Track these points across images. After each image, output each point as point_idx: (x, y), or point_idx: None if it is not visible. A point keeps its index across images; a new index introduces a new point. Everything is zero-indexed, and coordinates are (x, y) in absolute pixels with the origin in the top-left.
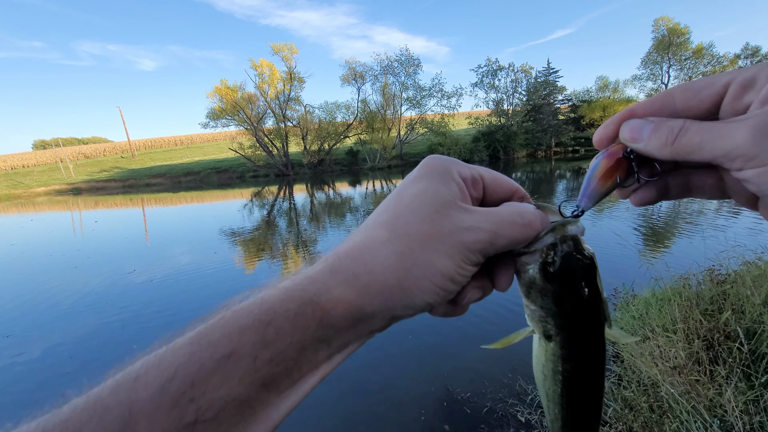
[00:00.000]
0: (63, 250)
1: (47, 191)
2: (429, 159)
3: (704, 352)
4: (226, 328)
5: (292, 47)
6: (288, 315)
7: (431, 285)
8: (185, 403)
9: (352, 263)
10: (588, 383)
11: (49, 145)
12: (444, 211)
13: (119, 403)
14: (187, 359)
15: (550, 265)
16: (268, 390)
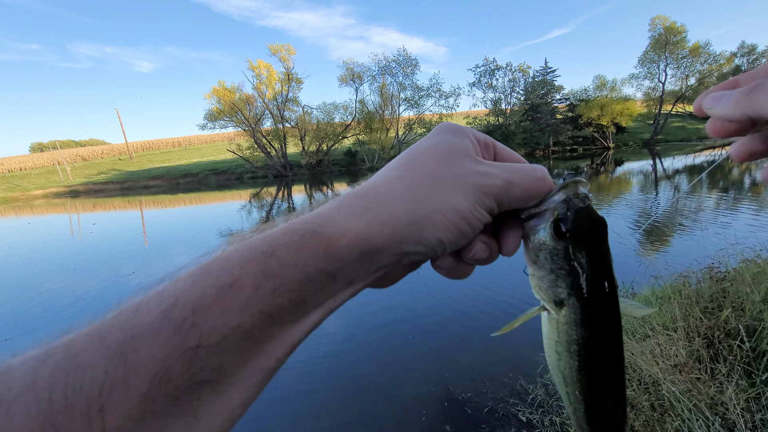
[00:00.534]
0: (61, 253)
1: (45, 194)
2: (444, 123)
3: (705, 350)
4: (228, 261)
5: (289, 48)
6: (291, 246)
7: (444, 219)
8: (187, 328)
9: (361, 200)
10: (606, 351)
11: (46, 148)
12: (459, 158)
13: (121, 327)
14: (188, 288)
15: (562, 221)
16: (272, 322)
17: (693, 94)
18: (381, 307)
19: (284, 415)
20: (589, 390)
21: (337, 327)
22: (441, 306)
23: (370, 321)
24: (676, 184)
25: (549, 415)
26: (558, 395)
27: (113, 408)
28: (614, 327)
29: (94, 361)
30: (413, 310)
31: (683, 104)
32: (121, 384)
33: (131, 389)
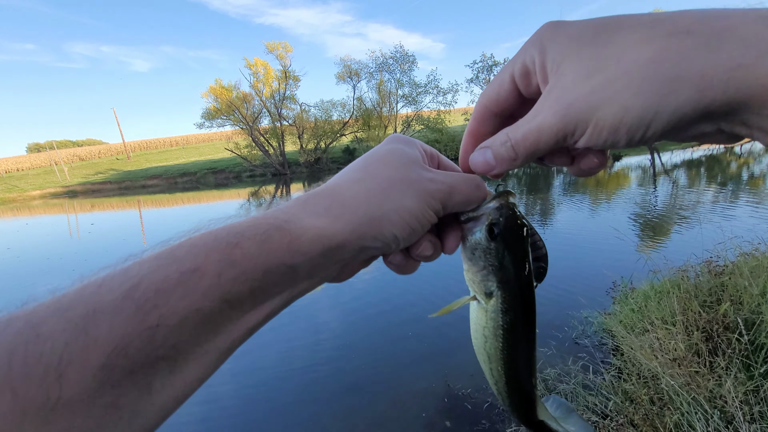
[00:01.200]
0: (60, 254)
1: (42, 194)
2: (395, 134)
3: (703, 343)
4: (193, 247)
5: (286, 46)
6: (255, 238)
7: (400, 219)
8: (148, 308)
9: (324, 199)
10: (523, 334)
11: (43, 148)
12: (410, 165)
13: (84, 302)
14: (152, 271)
15: (495, 225)
16: (231, 307)
17: None
18: (381, 304)
19: (286, 411)
20: (509, 365)
21: (338, 325)
22: (441, 303)
23: (370, 319)
24: (674, 179)
25: None
26: (558, 390)
27: (71, 376)
28: (530, 315)
29: (54, 332)
30: (413, 308)
31: None
32: (80, 355)
33: (90, 361)
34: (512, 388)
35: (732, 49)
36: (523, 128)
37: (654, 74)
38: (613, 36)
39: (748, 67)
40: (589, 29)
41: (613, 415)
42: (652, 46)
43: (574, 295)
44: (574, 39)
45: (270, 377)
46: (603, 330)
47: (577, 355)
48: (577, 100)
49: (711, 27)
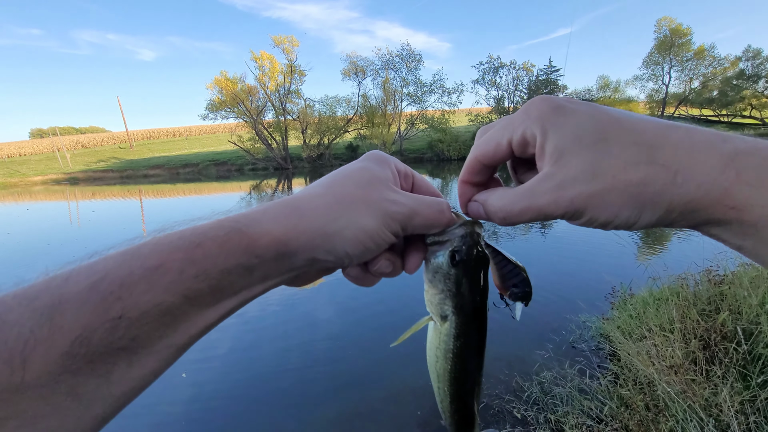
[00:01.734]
0: (60, 240)
1: (44, 180)
2: (372, 151)
3: (701, 352)
4: (158, 245)
5: (293, 40)
6: (216, 239)
7: (353, 236)
8: (112, 300)
9: (285, 207)
10: (471, 360)
11: (46, 134)
12: (376, 185)
13: (49, 293)
14: (117, 266)
15: (457, 252)
16: (190, 303)
17: (696, 96)
18: (377, 302)
19: (283, 407)
20: (455, 387)
21: (334, 323)
22: None
23: (366, 317)
24: None
25: (544, 413)
26: (553, 393)
27: (35, 361)
28: (480, 342)
29: (20, 320)
30: (410, 306)
31: (686, 107)
32: (44, 342)
33: (53, 347)
34: (455, 409)
35: (690, 186)
36: (522, 204)
37: (639, 195)
38: (610, 148)
39: (698, 201)
40: (588, 132)
41: (608, 420)
42: (638, 172)
43: (573, 299)
44: (577, 138)
45: (265, 374)
46: (601, 335)
47: (574, 359)
48: (579, 197)
49: (680, 162)
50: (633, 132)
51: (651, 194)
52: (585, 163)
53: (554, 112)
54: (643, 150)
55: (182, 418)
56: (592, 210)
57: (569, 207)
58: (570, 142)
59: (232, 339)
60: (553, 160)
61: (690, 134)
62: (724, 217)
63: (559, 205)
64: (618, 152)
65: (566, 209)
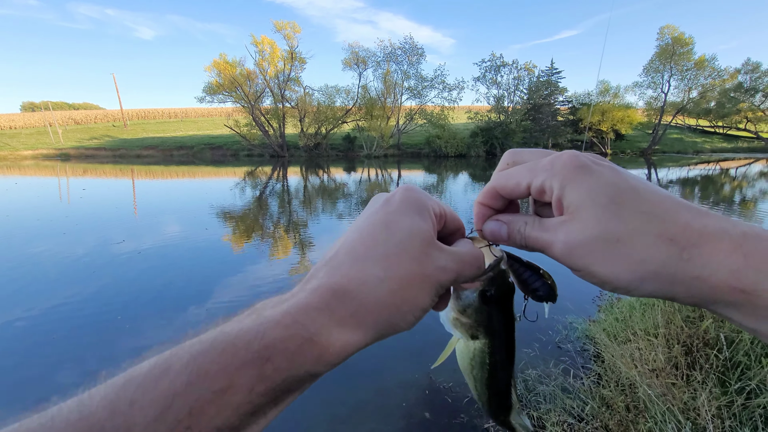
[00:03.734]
0: (50, 216)
1: (34, 155)
2: (409, 191)
3: (683, 357)
4: (224, 362)
5: (294, 26)
6: (287, 353)
7: (412, 317)
8: (181, 430)
9: (350, 302)
10: (505, 365)
11: (38, 108)
12: (427, 251)
13: (116, 427)
14: (184, 389)
15: (488, 292)
16: (255, 416)
17: (694, 106)
18: None
19: None
20: (493, 388)
21: None
22: None
23: None
24: None
25: (527, 410)
26: (537, 390)
27: None
28: (511, 351)
29: None
30: None
31: (683, 116)
32: None
33: None
34: (495, 402)
35: (696, 263)
36: (538, 234)
37: (642, 263)
38: (622, 213)
39: (705, 279)
40: (604, 194)
41: (589, 419)
42: (644, 241)
43: (561, 301)
44: (591, 197)
45: None
46: (586, 336)
47: (559, 359)
48: (583, 250)
49: (687, 239)
50: (647, 202)
51: (655, 265)
52: (594, 221)
53: (577, 170)
54: (653, 221)
55: None
56: (592, 265)
57: (573, 257)
58: (584, 201)
59: None
60: (568, 213)
61: (701, 215)
62: (733, 299)
63: (564, 252)
64: (628, 218)
65: (569, 258)
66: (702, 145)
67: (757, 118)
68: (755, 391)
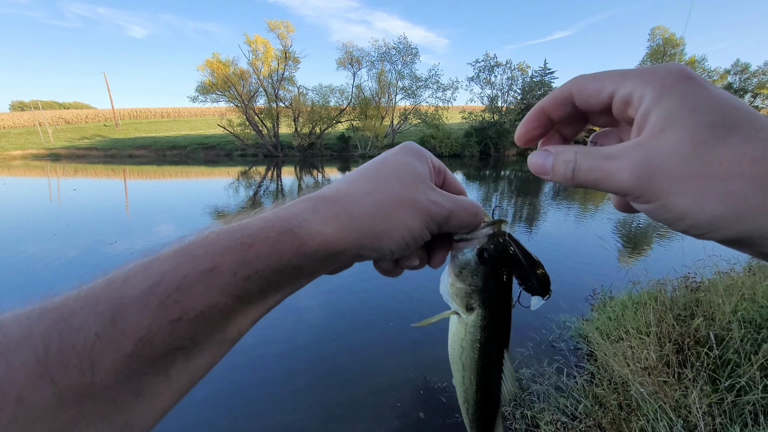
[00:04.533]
0: (40, 217)
1: (23, 155)
2: (409, 143)
3: (674, 355)
4: (210, 246)
5: (288, 25)
6: (268, 241)
7: (399, 237)
8: (171, 303)
9: (334, 206)
10: (496, 349)
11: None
12: (420, 184)
13: (110, 297)
14: (173, 268)
15: (486, 251)
16: (242, 302)
17: None
18: (363, 295)
19: (264, 397)
20: (482, 375)
21: (319, 313)
22: (422, 296)
23: (352, 308)
24: None
25: (521, 409)
26: (531, 389)
27: (102, 365)
28: (505, 332)
29: (85, 324)
30: (394, 299)
31: None
32: (110, 345)
33: (119, 350)
34: (480, 397)
35: None
36: (594, 162)
37: (745, 195)
38: (732, 136)
39: None
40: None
41: (582, 417)
42: (758, 167)
43: (555, 300)
44: (694, 113)
45: (247, 362)
46: (579, 335)
47: (553, 358)
48: (664, 174)
49: None
50: (763, 129)
51: (763, 198)
52: (691, 141)
53: (682, 81)
54: None
55: None
56: (673, 195)
57: (646, 182)
58: (684, 116)
59: None
60: (654, 130)
61: None
62: None
63: (635, 175)
64: (739, 142)
65: (641, 184)
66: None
67: None
68: (745, 388)
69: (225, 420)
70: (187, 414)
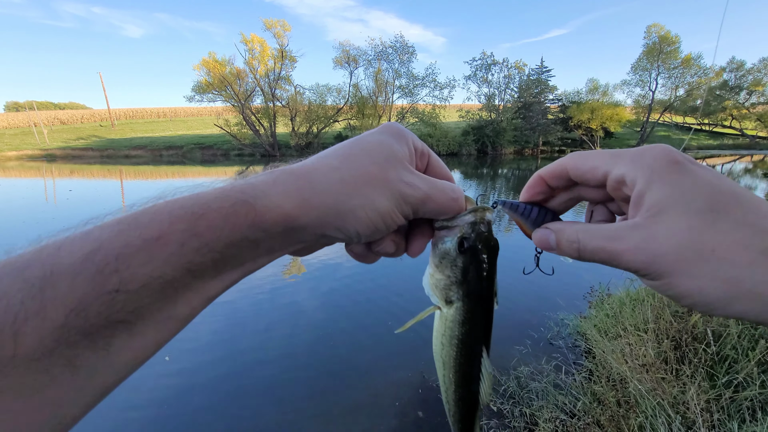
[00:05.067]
0: (37, 218)
1: (19, 156)
2: (391, 123)
3: (672, 351)
4: (157, 214)
5: (284, 24)
6: (221, 211)
7: (365, 216)
8: (109, 273)
9: (297, 179)
10: (476, 346)
11: (22, 108)
12: (393, 163)
13: (41, 263)
14: (114, 235)
15: (466, 239)
16: (192, 276)
17: (681, 104)
18: (360, 293)
19: (263, 393)
20: (460, 373)
21: (317, 312)
22: (421, 294)
23: (350, 307)
24: None
25: (519, 406)
26: (529, 387)
27: (27, 334)
28: (486, 330)
29: (10, 291)
30: (393, 298)
31: (671, 114)
32: (36, 315)
33: (46, 320)
34: (459, 396)
35: None
36: (597, 243)
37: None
38: (720, 222)
39: None
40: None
41: (580, 414)
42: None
43: (553, 297)
44: (684, 200)
45: (246, 362)
46: (577, 332)
47: (551, 355)
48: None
49: None
50: (752, 213)
51: (752, 284)
52: (684, 227)
53: (670, 167)
54: (758, 235)
55: (160, 404)
56: (674, 276)
57: (650, 264)
58: (675, 202)
59: (212, 326)
60: (649, 213)
61: None
62: None
63: (639, 257)
64: (728, 229)
65: (646, 265)
66: (689, 143)
67: (742, 116)
68: (742, 384)
69: (224, 420)
70: (187, 414)
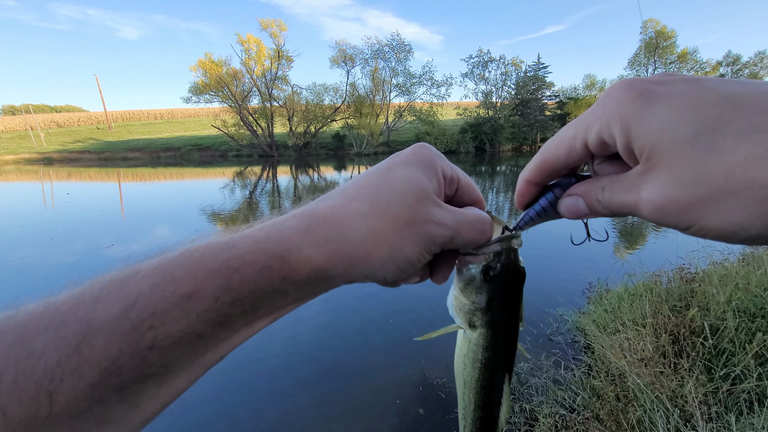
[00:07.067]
0: (35, 222)
1: (16, 159)
2: (420, 147)
3: (670, 345)
4: (192, 268)
5: (281, 24)
6: (256, 266)
7: (394, 265)
8: (144, 330)
9: (328, 229)
10: (499, 370)
11: (18, 111)
12: (423, 202)
13: (78, 319)
14: (149, 290)
15: (491, 269)
16: (222, 328)
17: None
18: (362, 292)
19: (263, 392)
20: (481, 395)
21: (318, 312)
22: (421, 293)
23: (350, 305)
24: None
25: (519, 402)
26: (529, 383)
27: (62, 395)
28: (509, 356)
29: (46, 350)
30: (394, 297)
31: None
32: (72, 374)
33: (81, 380)
34: (478, 417)
35: None
36: (621, 197)
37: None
38: (720, 140)
39: None
40: (687, 122)
41: (580, 409)
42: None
43: (551, 293)
44: (668, 133)
45: (246, 362)
46: (576, 328)
47: (550, 351)
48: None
49: None
50: (755, 114)
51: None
52: (685, 164)
53: (636, 103)
54: None
55: None
56: (700, 221)
57: (665, 216)
58: (660, 140)
59: None
60: (643, 162)
61: None
62: None
63: (655, 213)
64: (733, 144)
65: (668, 218)
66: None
67: None
68: (740, 377)
69: (225, 419)
70: (187, 414)
